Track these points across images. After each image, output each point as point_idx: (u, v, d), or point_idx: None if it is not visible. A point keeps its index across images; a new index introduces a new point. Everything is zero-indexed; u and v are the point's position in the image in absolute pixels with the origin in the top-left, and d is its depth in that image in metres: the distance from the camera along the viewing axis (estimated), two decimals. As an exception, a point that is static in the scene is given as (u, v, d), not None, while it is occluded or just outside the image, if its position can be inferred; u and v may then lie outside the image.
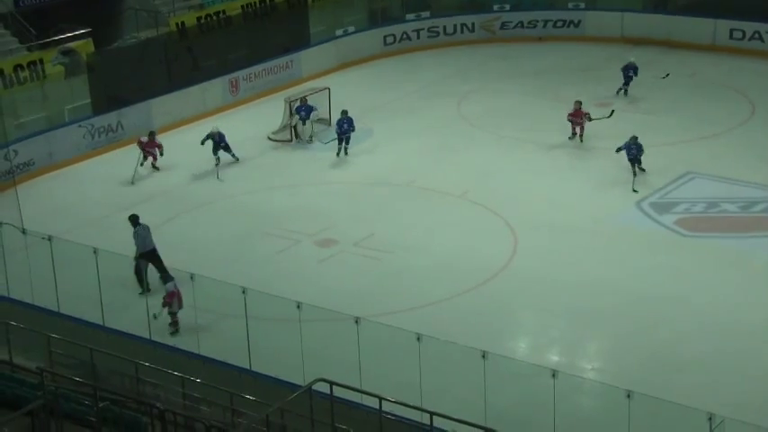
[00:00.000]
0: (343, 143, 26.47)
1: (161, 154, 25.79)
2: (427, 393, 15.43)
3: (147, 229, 20.19)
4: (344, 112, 26.66)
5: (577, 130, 26.63)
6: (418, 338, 15.70)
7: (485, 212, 23.20)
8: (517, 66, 33.48)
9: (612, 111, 26.80)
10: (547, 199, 23.68)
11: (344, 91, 30.39)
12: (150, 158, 25.90)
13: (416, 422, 14.21)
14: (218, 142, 25.81)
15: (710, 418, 13.51)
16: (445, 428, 13.76)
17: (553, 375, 15.04)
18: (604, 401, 15.82)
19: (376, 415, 13.78)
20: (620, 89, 30.00)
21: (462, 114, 29.55)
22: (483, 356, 15.36)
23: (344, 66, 33.67)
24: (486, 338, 17.44)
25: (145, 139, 25.77)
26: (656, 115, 28.71)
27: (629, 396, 14.34)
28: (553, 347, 18.16)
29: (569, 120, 26.71)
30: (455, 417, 13.65)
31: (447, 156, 26.56)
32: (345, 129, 26.51)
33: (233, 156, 26.15)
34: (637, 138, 24.27)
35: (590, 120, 26.51)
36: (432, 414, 13.45)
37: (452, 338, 16.62)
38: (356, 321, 16.21)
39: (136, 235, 20.08)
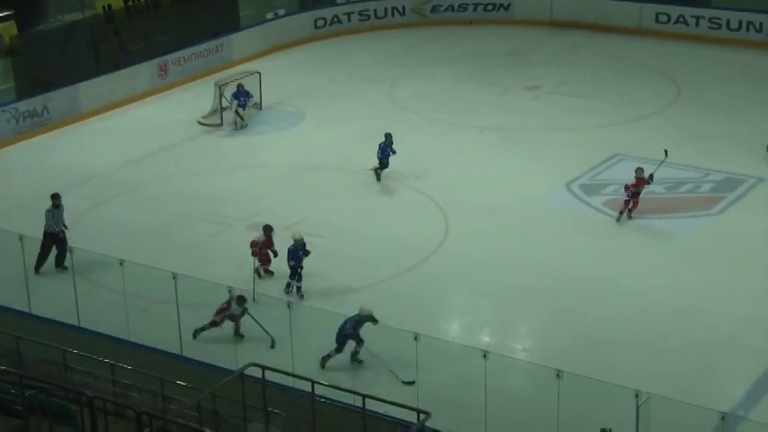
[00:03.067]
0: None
1: (275, 255, 19.66)
2: (360, 376, 15.49)
3: (60, 211, 19.91)
4: (389, 136, 23.85)
5: (631, 204, 21.50)
6: (351, 321, 15.76)
7: (417, 195, 23.28)
8: (448, 49, 33.57)
9: (666, 151, 22.11)
10: (478, 181, 23.82)
11: (275, 75, 30.25)
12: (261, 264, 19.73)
13: (350, 405, 14.25)
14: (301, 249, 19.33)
15: (637, 395, 13.77)
16: (378, 410, 13.81)
17: (484, 356, 15.19)
18: (535, 381, 16.00)
19: (309, 398, 13.78)
20: None
21: (394, 98, 29.58)
22: (415, 339, 15.46)
23: (275, 49, 33.47)
24: (420, 320, 17.54)
25: (259, 238, 19.53)
26: (585, 98, 29.02)
27: (558, 375, 14.55)
28: (485, 328, 18.31)
29: (628, 195, 21.54)
30: (388, 399, 13.71)
31: (379, 140, 26.52)
32: (387, 154, 23.82)
33: None
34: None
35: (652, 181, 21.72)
36: (364, 396, 13.49)
37: (386, 321, 16.71)
38: (288, 306, 16.20)
39: (48, 213, 19.82)
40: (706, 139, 25.85)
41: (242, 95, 27.51)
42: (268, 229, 19.52)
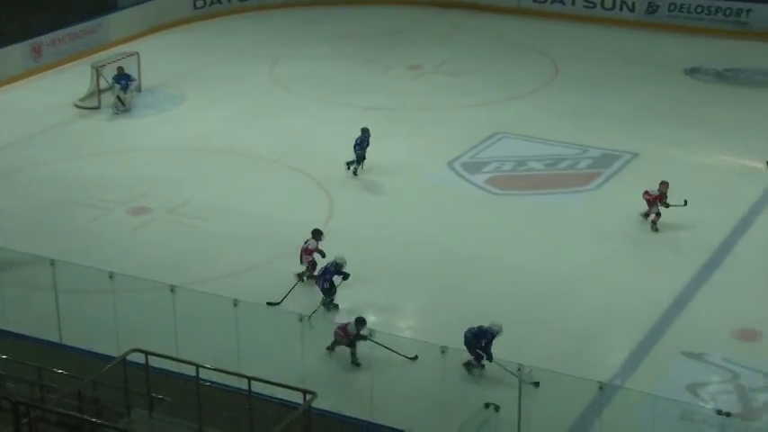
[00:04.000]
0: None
1: (323, 255, 18.62)
2: (246, 359, 15.39)
3: None
4: (366, 131, 23.10)
5: (653, 216, 20.61)
6: (235, 304, 15.62)
7: (300, 176, 23.19)
8: (329, 29, 33.47)
9: (685, 201, 20.55)
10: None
11: (154, 56, 29.71)
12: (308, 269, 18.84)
13: (235, 388, 14.14)
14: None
15: (520, 369, 14.01)
16: (264, 392, 13.75)
17: (370, 334, 15.24)
18: (420, 358, 16.12)
19: (194, 383, 13.63)
20: None
21: (275, 79, 29.38)
22: (300, 320, 15.43)
23: (154, 30, 32.86)
24: (305, 301, 17.51)
25: (310, 244, 18.69)
26: (465, 77, 29.30)
27: (443, 352, 14.71)
28: (370, 307, 18.34)
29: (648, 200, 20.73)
30: (274, 380, 13.65)
31: (261, 121, 26.38)
32: (364, 147, 23.08)
33: None
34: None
35: (667, 206, 20.64)
36: (250, 379, 13.40)
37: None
38: (171, 290, 15.98)
39: None
40: (583, 117, 26.38)
41: (123, 79, 26.94)
42: (318, 234, 18.79)
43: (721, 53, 30.74)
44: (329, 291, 17.77)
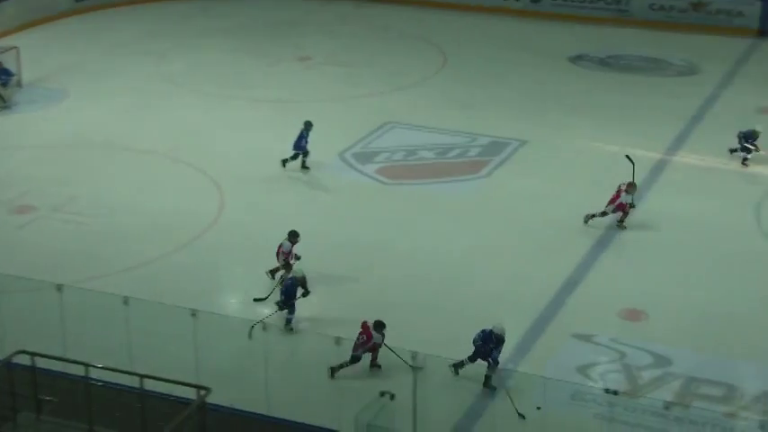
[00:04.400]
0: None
1: (297, 258, 18.39)
2: (138, 356, 15.15)
3: None
4: (308, 124, 22.73)
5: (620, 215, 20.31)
6: (125, 301, 15.36)
7: (190, 170, 22.92)
8: (217, 21, 33.18)
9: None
10: (252, 154, 23.70)
11: (35, 50, 29.05)
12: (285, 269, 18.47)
13: (127, 386, 13.91)
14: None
15: (414, 357, 14.10)
16: (157, 390, 13.55)
17: (264, 328, 15.17)
18: (315, 350, 16.11)
19: (83, 383, 13.36)
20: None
21: (163, 72, 28.98)
22: (193, 315, 15.26)
23: (34, 23, 32.11)
24: (198, 296, 17.33)
25: (287, 247, 18.38)
26: (354, 67, 29.36)
27: (338, 343, 14.72)
28: (265, 301, 18.24)
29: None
30: (167, 377, 13.47)
31: (149, 115, 25.99)
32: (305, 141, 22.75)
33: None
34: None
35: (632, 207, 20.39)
36: (142, 377, 13.20)
37: (164, 298, 16.42)
38: (58, 288, 15.62)
39: None
40: (472, 105, 26.67)
41: (2, 74, 26.25)
42: (294, 236, 18.37)
43: (603, 40, 31.45)
44: (288, 306, 17.01)
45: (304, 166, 22.78)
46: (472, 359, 15.59)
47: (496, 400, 15.06)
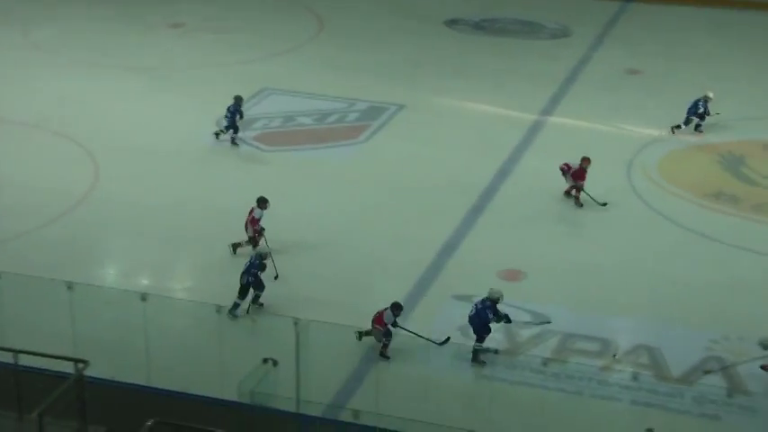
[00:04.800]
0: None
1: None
2: (12, 332, 14.78)
3: None
4: (239, 99, 22.27)
5: (573, 191, 19.98)
6: (-2, 276, 14.97)
7: (63, 140, 22.35)
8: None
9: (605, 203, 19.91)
10: (127, 124, 23.23)
11: None
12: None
13: (1, 362, 13.54)
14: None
15: (296, 323, 14.08)
16: (33, 365, 13.24)
17: (143, 298, 14.95)
18: (196, 319, 15.97)
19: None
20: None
21: (29, 40, 28.12)
22: (69, 288, 14.93)
23: None
24: (74, 268, 16.99)
25: (259, 214, 18.12)
26: (230, 33, 28.99)
27: (218, 311, 14.61)
28: (143, 271, 17.98)
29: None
30: (43, 352, 13.17)
31: (17, 85, 25.21)
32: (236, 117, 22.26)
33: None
34: None
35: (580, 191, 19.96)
36: (16, 352, 12.87)
37: (39, 272, 16.03)
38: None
39: None
40: (349, 70, 26.61)
41: None
42: (263, 203, 18.04)
43: (478, 4, 31.67)
44: (255, 286, 16.43)
45: (233, 141, 22.36)
46: (481, 340, 15.40)
47: (380, 363, 15.16)
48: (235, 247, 18.14)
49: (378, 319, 15.42)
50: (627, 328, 16.52)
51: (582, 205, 19.82)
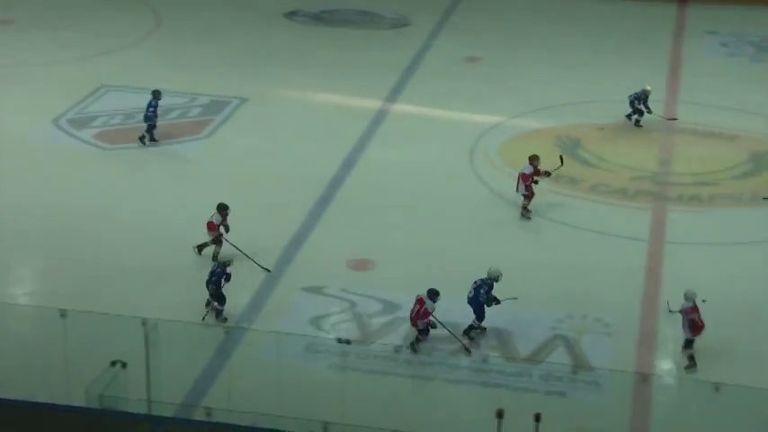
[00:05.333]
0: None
1: (226, 230, 17.81)
2: None
3: None
4: (157, 93, 21.93)
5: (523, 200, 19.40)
6: None
7: None
8: None
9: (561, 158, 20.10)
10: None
11: None
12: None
13: None
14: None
15: (144, 323, 13.83)
16: None
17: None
18: (40, 324, 15.51)
19: None
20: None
21: None
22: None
23: None
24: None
25: (217, 219, 17.74)
26: (62, 30, 28.18)
27: (63, 315, 14.22)
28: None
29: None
30: None
31: None
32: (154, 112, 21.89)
33: None
34: None
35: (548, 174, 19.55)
36: None
37: None
38: None
39: None
40: (189, 65, 26.25)
41: None
42: (223, 209, 17.68)
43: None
44: (216, 298, 16.00)
45: (151, 137, 21.84)
46: (480, 319, 15.73)
47: (234, 356, 15.03)
48: (200, 248, 17.84)
49: (418, 315, 15.39)
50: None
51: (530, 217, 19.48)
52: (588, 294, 17.08)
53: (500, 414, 12.13)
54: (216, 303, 16.01)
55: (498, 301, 15.83)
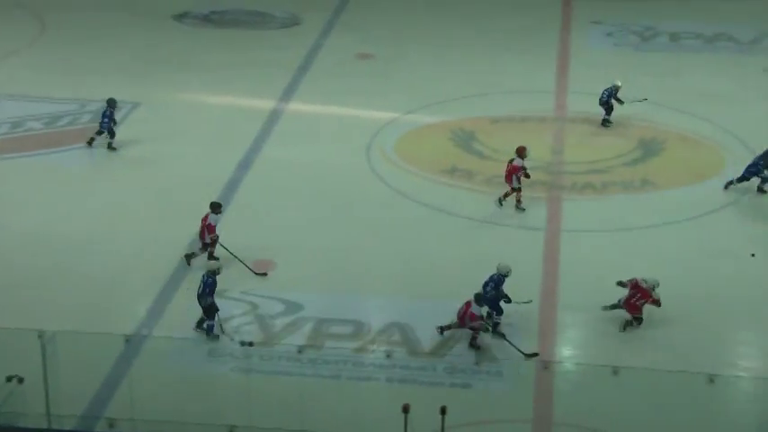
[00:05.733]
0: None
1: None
2: None
3: None
4: (112, 102, 21.65)
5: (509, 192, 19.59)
6: None
7: None
8: None
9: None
10: None
11: None
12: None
13: None
14: None
15: (41, 336, 13.55)
16: None
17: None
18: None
19: None
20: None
21: None
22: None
23: None
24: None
25: (215, 219, 17.57)
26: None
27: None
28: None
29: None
30: None
31: None
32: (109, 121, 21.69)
33: None
34: None
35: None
36: None
37: None
38: None
39: None
40: (78, 71, 25.77)
41: None
42: (216, 207, 17.61)
43: (207, -3, 31.36)
44: (210, 310, 15.59)
45: (110, 147, 21.59)
46: (499, 313, 15.86)
47: (135, 364, 14.80)
48: (188, 258, 17.49)
49: (465, 316, 15.42)
50: (378, 307, 16.87)
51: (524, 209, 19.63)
52: (488, 285, 17.26)
53: (406, 409, 12.19)
54: (208, 319, 15.64)
55: (508, 299, 15.92)
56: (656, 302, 15.89)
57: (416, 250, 18.27)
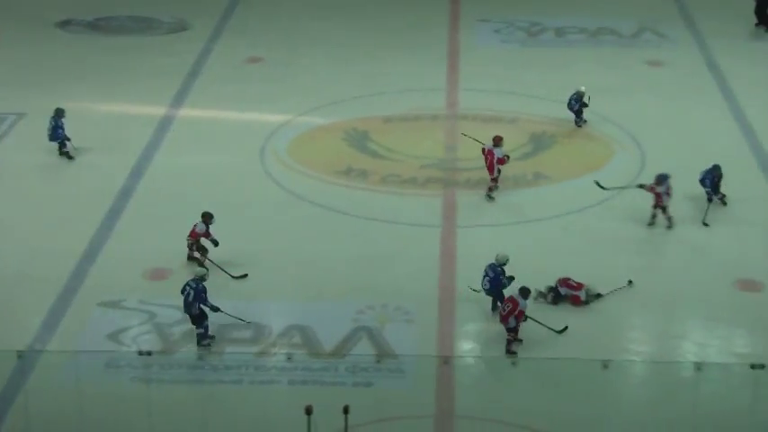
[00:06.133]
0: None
1: (215, 244, 17.71)
2: None
3: None
4: (61, 111, 21.33)
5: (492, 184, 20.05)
6: None
7: None
8: None
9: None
10: None
11: None
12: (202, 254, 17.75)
13: None
14: None
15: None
16: None
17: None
18: None
19: None
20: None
21: None
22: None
23: None
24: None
25: (201, 229, 17.64)
26: None
27: None
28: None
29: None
30: None
31: None
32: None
33: None
34: None
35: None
36: None
37: None
38: None
39: None
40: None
41: None
42: (208, 217, 17.62)
43: (90, 4, 30.71)
44: (200, 318, 15.39)
45: (68, 155, 21.26)
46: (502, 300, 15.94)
47: (30, 379, 14.46)
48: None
49: (510, 314, 15.39)
50: (277, 311, 16.83)
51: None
52: (387, 284, 17.36)
53: (309, 411, 12.19)
54: (197, 328, 15.54)
55: (513, 278, 16.24)
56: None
57: (313, 251, 18.26)
